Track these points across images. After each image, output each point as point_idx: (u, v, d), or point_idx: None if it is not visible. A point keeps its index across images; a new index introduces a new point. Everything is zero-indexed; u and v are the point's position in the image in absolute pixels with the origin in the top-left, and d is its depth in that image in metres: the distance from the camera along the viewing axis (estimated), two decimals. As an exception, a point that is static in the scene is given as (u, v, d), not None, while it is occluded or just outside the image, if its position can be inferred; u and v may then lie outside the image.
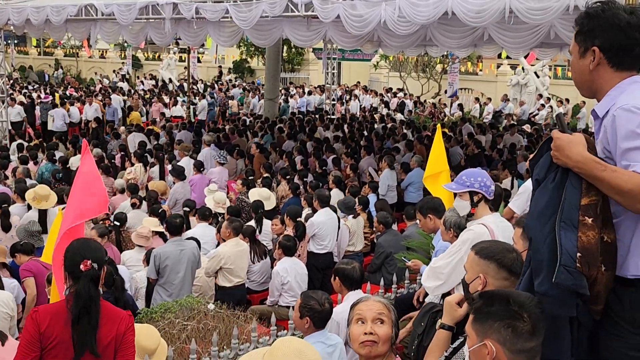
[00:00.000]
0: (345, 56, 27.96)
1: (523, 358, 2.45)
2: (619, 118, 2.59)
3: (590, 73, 2.77)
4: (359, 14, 12.14)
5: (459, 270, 4.67)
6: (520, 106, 27.31)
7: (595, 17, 2.73)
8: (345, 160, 14.67)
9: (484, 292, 2.58)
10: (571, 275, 2.52)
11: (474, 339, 2.51)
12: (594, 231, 2.58)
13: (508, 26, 12.34)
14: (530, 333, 2.44)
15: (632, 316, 2.66)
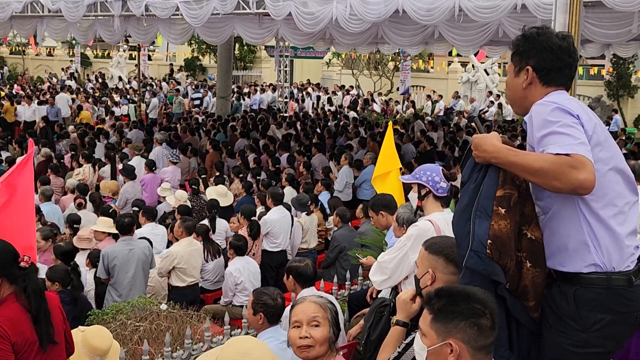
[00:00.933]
0: (297, 54, 27.98)
1: (484, 353, 2.48)
2: (534, 112, 2.83)
3: (523, 90, 2.99)
4: (311, 11, 12.17)
5: (404, 265, 4.72)
6: (470, 103, 27.69)
7: (530, 39, 2.96)
8: (299, 158, 14.68)
9: (442, 291, 2.57)
10: (481, 260, 2.71)
11: (434, 338, 2.50)
12: (506, 221, 2.74)
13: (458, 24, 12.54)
14: (491, 329, 2.48)
15: (577, 313, 2.75)
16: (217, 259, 8.77)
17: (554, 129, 2.69)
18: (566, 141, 2.63)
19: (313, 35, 15.02)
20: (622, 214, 2.80)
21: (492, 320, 2.47)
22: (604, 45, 16.87)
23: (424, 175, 4.79)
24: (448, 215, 4.93)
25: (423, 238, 4.62)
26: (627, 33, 11.78)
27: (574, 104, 2.83)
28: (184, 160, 14.57)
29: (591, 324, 2.74)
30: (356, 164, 13.46)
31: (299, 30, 13.36)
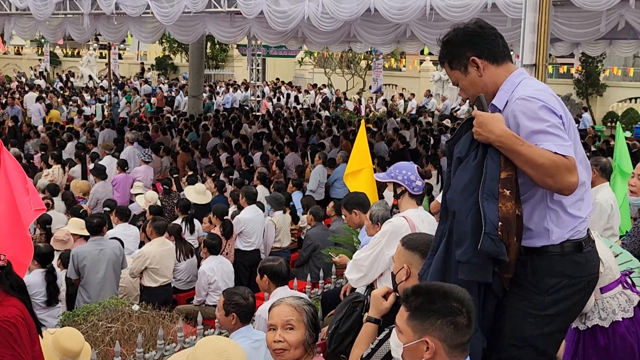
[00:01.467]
0: (270, 52, 27.85)
1: (459, 351, 2.49)
2: (521, 106, 2.87)
3: (481, 79, 3.06)
4: (283, 10, 12.16)
5: (379, 262, 4.74)
6: (442, 101, 27.87)
7: (454, 38, 3.09)
8: (271, 157, 14.65)
9: (420, 288, 2.57)
10: (494, 242, 2.75)
11: (410, 335, 2.51)
12: (511, 202, 2.82)
13: (429, 23, 12.61)
14: (468, 327, 2.49)
15: (534, 278, 2.95)
16: (190, 258, 8.72)
17: (544, 127, 2.81)
18: (560, 142, 2.78)
19: (285, 34, 15.01)
20: (581, 200, 3.01)
21: (468, 318, 2.48)
22: (573, 44, 17.08)
23: (400, 174, 4.83)
24: (422, 212, 4.97)
25: (397, 234, 4.66)
26: (596, 32, 11.94)
27: (553, 99, 2.94)
28: (156, 159, 14.47)
29: (548, 288, 2.93)
30: (329, 163, 13.47)
31: (271, 29, 13.33)
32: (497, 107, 3.02)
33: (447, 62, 3.12)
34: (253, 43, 22.42)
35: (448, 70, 3.14)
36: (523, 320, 2.96)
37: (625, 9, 10.93)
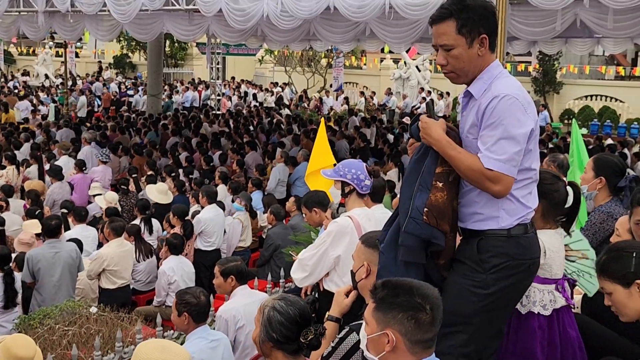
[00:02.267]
0: (229, 51, 27.76)
1: (420, 347, 2.50)
2: (503, 102, 2.95)
3: (478, 59, 3.06)
4: (242, 8, 12.09)
5: (324, 262, 4.71)
6: (403, 99, 28.03)
7: (476, 8, 3.00)
8: (232, 156, 14.56)
9: (388, 282, 2.59)
10: (418, 225, 3.00)
11: (374, 327, 2.53)
12: (443, 193, 3.05)
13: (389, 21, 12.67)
14: (430, 324, 2.49)
15: (478, 257, 3.08)
16: (149, 259, 8.61)
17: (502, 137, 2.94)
18: (500, 155, 2.94)
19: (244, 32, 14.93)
20: (530, 194, 3.18)
21: (432, 316, 2.48)
22: (530, 43, 17.34)
23: (349, 173, 4.75)
24: (369, 211, 4.94)
25: (342, 234, 4.65)
26: (552, 30, 12.12)
27: (532, 103, 3.06)
28: (114, 159, 14.27)
29: (490, 267, 3.06)
30: (290, 161, 13.44)
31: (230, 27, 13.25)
32: (472, 95, 3.09)
33: (458, 24, 3.01)
34: (212, 41, 22.25)
35: (449, 30, 3.02)
36: (464, 297, 3.07)
37: (580, 8, 11.12)
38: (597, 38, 16.05)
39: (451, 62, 3.07)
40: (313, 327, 3.13)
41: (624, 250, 2.97)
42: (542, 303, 3.49)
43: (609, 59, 34.92)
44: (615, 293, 2.96)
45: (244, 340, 5.18)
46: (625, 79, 31.29)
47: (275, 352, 3.17)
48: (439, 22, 3.04)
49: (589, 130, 25.03)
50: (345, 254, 4.66)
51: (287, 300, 3.25)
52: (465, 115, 3.18)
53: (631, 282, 2.92)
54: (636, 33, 12.49)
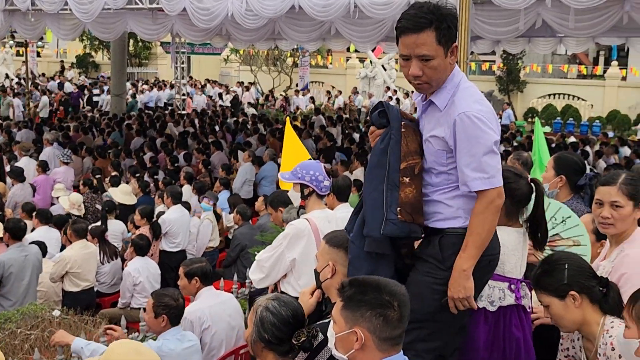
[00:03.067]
0: (194, 50, 27.52)
1: (390, 345, 2.50)
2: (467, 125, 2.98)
3: (449, 68, 3.05)
4: (206, 7, 12.01)
5: (280, 264, 4.70)
6: (369, 98, 28.13)
7: (450, 16, 2.96)
8: (197, 156, 14.46)
9: (356, 280, 2.59)
10: (395, 225, 3.03)
11: (342, 325, 2.52)
12: (412, 187, 3.09)
13: (354, 20, 12.69)
14: (398, 321, 2.49)
15: (440, 255, 3.12)
16: (114, 261, 8.50)
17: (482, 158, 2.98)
18: (491, 171, 2.99)
19: (209, 31, 14.84)
20: None
21: (400, 312, 2.49)
22: (494, 42, 17.51)
23: (307, 175, 4.73)
24: (330, 213, 4.92)
25: (299, 237, 4.64)
26: (515, 30, 12.25)
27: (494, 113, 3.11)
28: (77, 160, 14.05)
29: (452, 264, 3.07)
30: (257, 161, 13.40)
31: (195, 26, 13.15)
32: (437, 106, 3.07)
33: (438, 34, 2.93)
34: (177, 40, 22.08)
35: (429, 41, 2.92)
36: (427, 294, 3.10)
37: (542, 7, 11.25)
38: (560, 37, 16.26)
39: (428, 73, 2.99)
40: (306, 329, 3.10)
41: (556, 263, 3.04)
42: (490, 299, 3.49)
43: (571, 58, 35.48)
44: (552, 306, 3.03)
45: (210, 341, 5.14)
46: (587, 77, 31.80)
47: (266, 352, 3.14)
48: (417, 31, 2.92)
49: (552, 128, 25.41)
50: (300, 257, 4.68)
51: (280, 300, 3.22)
52: (425, 119, 3.18)
53: (565, 294, 2.99)
54: (597, 32, 12.68)
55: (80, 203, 10.11)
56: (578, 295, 2.99)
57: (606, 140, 17.92)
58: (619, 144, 17.50)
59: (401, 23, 2.97)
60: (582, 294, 3.00)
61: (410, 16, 2.94)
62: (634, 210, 3.42)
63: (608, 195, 3.44)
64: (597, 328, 3.02)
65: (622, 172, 3.53)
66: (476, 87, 3.17)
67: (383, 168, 3.09)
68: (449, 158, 3.09)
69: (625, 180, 3.42)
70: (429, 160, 3.15)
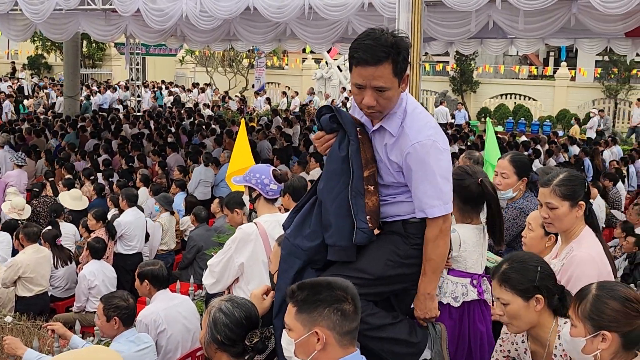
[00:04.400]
0: (149, 51, 27.29)
1: (349, 338, 2.53)
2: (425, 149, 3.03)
3: (399, 96, 3.07)
4: (160, 8, 11.94)
5: (230, 268, 4.71)
6: (325, 99, 28.21)
7: (405, 49, 2.98)
8: (153, 157, 14.35)
9: (303, 284, 2.60)
10: (366, 234, 3.07)
11: (300, 330, 2.52)
12: (376, 196, 3.14)
13: (309, 22, 12.76)
14: (354, 313, 2.53)
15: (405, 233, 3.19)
16: (68, 265, 8.40)
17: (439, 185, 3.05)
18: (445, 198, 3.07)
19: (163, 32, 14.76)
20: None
21: (354, 305, 2.53)
22: (447, 43, 17.76)
23: (254, 178, 4.75)
24: (280, 216, 4.95)
25: (246, 242, 4.67)
26: (467, 31, 12.46)
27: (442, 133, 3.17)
28: (30, 162, 13.83)
29: (414, 243, 3.16)
30: (213, 162, 13.35)
31: (149, 27, 13.07)
32: (390, 133, 3.09)
33: (394, 67, 2.95)
34: (131, 41, 21.85)
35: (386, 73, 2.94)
36: (380, 258, 3.15)
37: (493, 9, 11.49)
38: (511, 39, 16.57)
39: (382, 103, 3.01)
40: (259, 331, 3.11)
41: (528, 262, 3.04)
42: (454, 295, 3.59)
43: (522, 59, 36.11)
44: (512, 304, 3.01)
45: (166, 344, 5.14)
46: (537, 78, 32.40)
47: (219, 354, 3.14)
48: (375, 64, 2.91)
49: (505, 127, 25.84)
50: (248, 261, 4.69)
51: (234, 302, 3.22)
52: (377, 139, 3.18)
53: (531, 295, 3.00)
54: (546, 34, 12.98)
55: (22, 207, 9.90)
56: (543, 299, 3.02)
57: (556, 140, 18.31)
58: (569, 142, 17.91)
59: (358, 54, 2.93)
60: (545, 298, 3.03)
61: (368, 48, 2.91)
62: (570, 210, 3.51)
63: (543, 196, 3.56)
64: (548, 331, 3.07)
65: (561, 173, 3.63)
66: (420, 106, 3.21)
67: (346, 175, 3.06)
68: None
69: (560, 182, 3.52)
70: (388, 179, 3.17)
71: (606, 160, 15.86)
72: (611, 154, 16.72)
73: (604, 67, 27.42)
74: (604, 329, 2.56)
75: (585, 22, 11.55)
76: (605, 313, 2.57)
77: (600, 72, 27.69)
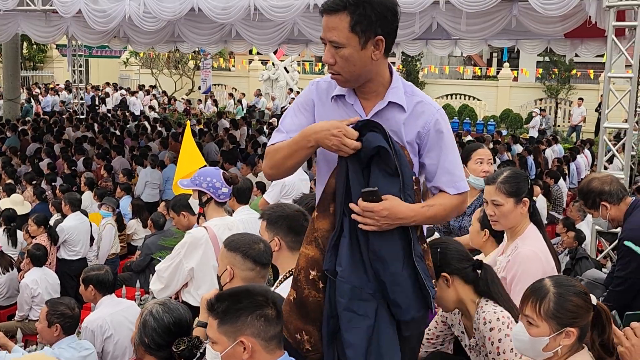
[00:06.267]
0: (92, 53, 26.78)
1: (275, 343, 2.52)
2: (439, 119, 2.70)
3: (371, 63, 2.59)
4: (102, 9, 11.75)
5: (179, 273, 4.69)
6: (272, 101, 28.16)
7: (374, 4, 2.53)
8: (97, 161, 14.10)
9: (221, 295, 2.59)
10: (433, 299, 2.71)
11: (224, 342, 2.49)
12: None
13: (254, 23, 12.72)
14: (277, 317, 2.53)
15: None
16: (10, 272, 8.19)
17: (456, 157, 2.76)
18: (462, 176, 2.76)
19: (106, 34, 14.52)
20: None
21: (276, 309, 2.53)
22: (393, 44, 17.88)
23: (204, 182, 4.72)
24: (229, 220, 4.93)
25: (195, 246, 4.65)
26: (411, 33, 12.59)
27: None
28: (-30, 168, 13.44)
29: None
30: (160, 165, 13.21)
31: (91, 29, 12.83)
32: (400, 105, 2.66)
33: (351, 20, 2.52)
34: (73, 43, 21.38)
35: (340, 26, 2.53)
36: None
37: (437, 11, 11.64)
38: (455, 40, 16.81)
39: (339, 62, 2.58)
40: (187, 338, 3.08)
41: (431, 247, 3.06)
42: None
43: (467, 60, 36.73)
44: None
45: (113, 350, 5.06)
46: (481, 78, 32.97)
47: (147, 357, 3.13)
48: (330, 13, 2.55)
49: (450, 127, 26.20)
50: (198, 266, 4.68)
51: (166, 306, 3.20)
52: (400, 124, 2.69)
53: (438, 275, 3.11)
54: (488, 35, 13.22)
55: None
56: (449, 276, 3.15)
57: (500, 139, 18.66)
58: (512, 141, 18.27)
59: (322, 3, 2.63)
60: (454, 275, 3.16)
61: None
62: (515, 206, 3.61)
63: (489, 194, 3.66)
64: (474, 306, 3.18)
65: (505, 170, 3.72)
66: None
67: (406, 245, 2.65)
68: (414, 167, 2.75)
69: (504, 179, 3.63)
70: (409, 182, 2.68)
71: (548, 159, 16.23)
72: (553, 153, 17.12)
73: (545, 67, 28.04)
74: (568, 325, 2.59)
75: (526, 24, 11.80)
76: (570, 310, 2.59)
77: (541, 72, 28.31)
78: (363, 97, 2.71)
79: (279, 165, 2.76)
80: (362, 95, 2.71)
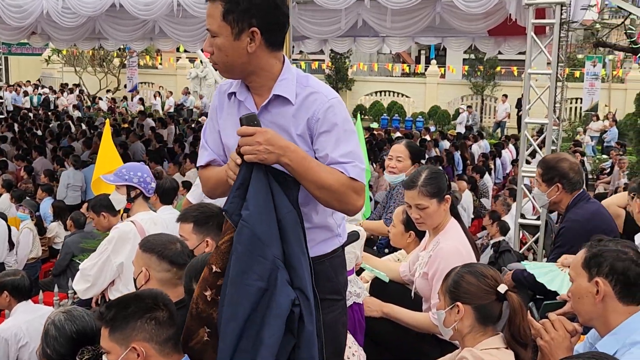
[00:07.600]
0: (12, 50, 25.90)
1: (171, 346, 2.46)
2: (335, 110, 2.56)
3: (248, 55, 2.52)
4: (18, 4, 11.34)
5: (106, 270, 4.60)
6: (200, 99, 27.83)
7: None
8: (17, 162, 13.61)
9: (110, 303, 2.53)
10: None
11: (117, 350, 2.43)
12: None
13: (179, 20, 12.50)
14: (170, 319, 2.47)
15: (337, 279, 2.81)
16: None
17: (354, 147, 2.56)
18: (361, 163, 2.57)
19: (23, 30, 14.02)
20: None
21: (168, 310, 2.47)
22: (321, 41, 17.91)
23: (135, 177, 4.69)
24: (154, 215, 4.85)
25: (124, 240, 4.56)
26: (337, 29, 12.63)
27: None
28: None
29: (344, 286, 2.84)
30: (82, 165, 12.84)
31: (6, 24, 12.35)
32: (286, 98, 2.56)
33: (223, 9, 2.47)
34: (-10, 40, 20.64)
35: (215, 14, 2.48)
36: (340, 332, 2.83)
37: (362, 8, 11.68)
38: (382, 37, 16.93)
39: (216, 53, 2.55)
40: (92, 347, 2.97)
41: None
42: (355, 293, 3.65)
43: (395, 57, 37.12)
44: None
45: (28, 358, 4.85)
46: (410, 75, 33.38)
47: None
48: (209, 0, 2.53)
49: (380, 124, 26.45)
50: (127, 261, 4.58)
51: (69, 314, 3.09)
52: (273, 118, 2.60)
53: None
54: (413, 32, 13.34)
55: None
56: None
57: (428, 135, 18.92)
58: (440, 137, 18.56)
59: None
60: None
61: None
62: (439, 205, 3.66)
63: (412, 199, 3.70)
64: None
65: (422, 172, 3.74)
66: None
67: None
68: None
69: (424, 182, 3.66)
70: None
71: (474, 154, 16.54)
72: (479, 148, 17.46)
73: (471, 64, 28.60)
74: (459, 300, 2.74)
75: (450, 21, 11.97)
76: (462, 286, 2.75)
77: (467, 69, 28.86)
78: (255, 93, 2.66)
79: (213, 192, 2.81)
80: (254, 91, 2.66)
